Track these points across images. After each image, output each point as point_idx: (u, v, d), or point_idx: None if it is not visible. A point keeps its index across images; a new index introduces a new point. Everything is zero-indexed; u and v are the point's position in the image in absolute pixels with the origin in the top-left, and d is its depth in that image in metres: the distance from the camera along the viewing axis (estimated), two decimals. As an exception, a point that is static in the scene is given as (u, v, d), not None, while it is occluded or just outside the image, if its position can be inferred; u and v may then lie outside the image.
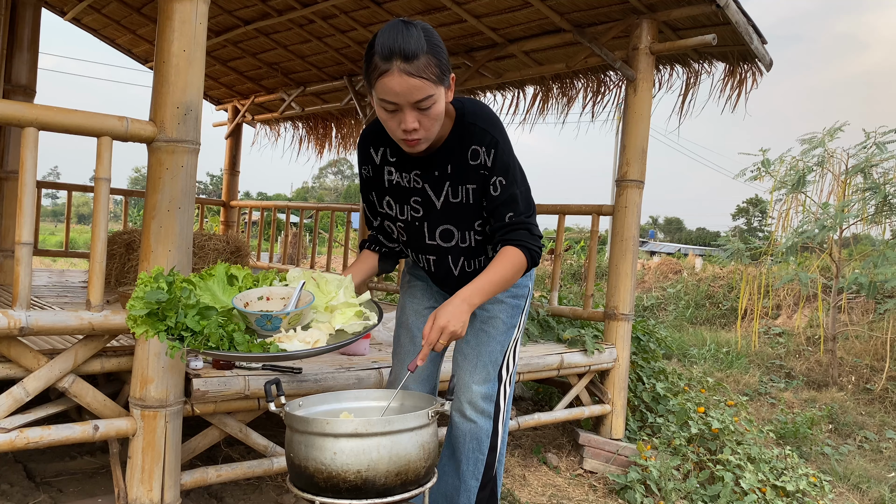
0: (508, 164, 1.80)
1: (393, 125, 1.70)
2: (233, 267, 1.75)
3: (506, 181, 1.80)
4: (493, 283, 1.77)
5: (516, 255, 1.80)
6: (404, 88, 1.60)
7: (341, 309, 1.70)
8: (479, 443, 1.99)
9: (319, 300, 1.72)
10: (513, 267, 1.80)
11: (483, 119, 1.80)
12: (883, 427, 5.39)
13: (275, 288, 1.74)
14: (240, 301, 1.67)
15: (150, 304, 1.53)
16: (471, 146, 1.79)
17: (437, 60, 1.62)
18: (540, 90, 4.91)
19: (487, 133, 1.78)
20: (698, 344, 8.25)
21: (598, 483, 3.48)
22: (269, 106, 6.84)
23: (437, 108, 1.66)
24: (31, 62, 4.05)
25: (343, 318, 1.69)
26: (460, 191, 1.84)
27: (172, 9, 2.12)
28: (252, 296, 1.70)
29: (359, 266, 2.03)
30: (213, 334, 1.54)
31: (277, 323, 1.62)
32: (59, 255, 6.26)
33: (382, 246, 2.08)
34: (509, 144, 1.83)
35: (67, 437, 2.14)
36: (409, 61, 1.57)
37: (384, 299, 6.16)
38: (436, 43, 1.63)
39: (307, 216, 7.69)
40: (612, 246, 3.83)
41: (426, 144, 1.75)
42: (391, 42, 1.57)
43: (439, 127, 1.73)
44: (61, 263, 11.10)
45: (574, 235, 18.03)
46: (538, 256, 1.84)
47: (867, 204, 6.70)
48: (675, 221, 65.72)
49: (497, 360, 2.00)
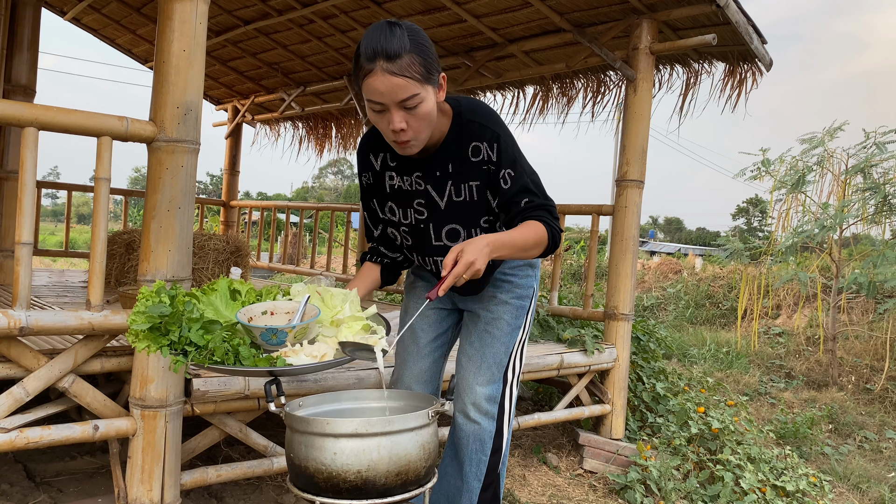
0: (514, 155, 1.79)
1: (383, 126, 1.70)
2: (235, 281, 1.73)
3: (514, 172, 1.79)
4: (515, 242, 1.71)
5: (539, 228, 1.75)
6: (388, 88, 1.60)
7: (348, 323, 1.67)
8: (482, 444, 1.99)
9: (325, 314, 1.69)
10: (535, 236, 1.74)
11: (481, 115, 1.80)
12: (883, 427, 5.39)
13: (279, 302, 1.71)
14: (243, 315, 1.64)
15: (153, 319, 1.50)
16: (471, 143, 1.79)
17: (422, 59, 1.62)
18: (540, 90, 4.91)
19: (487, 128, 1.78)
20: (698, 344, 8.26)
21: (598, 483, 3.48)
22: (269, 106, 6.84)
23: (424, 107, 1.66)
24: (31, 62, 4.05)
25: (350, 332, 1.66)
26: (463, 189, 1.83)
27: (172, 9, 2.12)
28: (256, 310, 1.68)
29: (361, 279, 2.00)
30: (218, 348, 1.52)
31: (283, 337, 1.59)
32: (59, 255, 6.26)
33: (384, 257, 2.05)
34: (511, 136, 1.82)
35: (67, 437, 2.14)
36: (392, 60, 1.58)
37: (384, 299, 6.17)
38: (421, 42, 1.63)
39: (307, 216, 7.69)
40: (612, 246, 3.83)
41: (418, 146, 1.74)
42: (374, 42, 1.59)
43: (430, 127, 1.72)
44: (61, 263, 11.10)
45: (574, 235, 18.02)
46: (559, 238, 1.80)
47: (867, 204, 6.70)
48: (675, 221, 65.74)
49: (502, 362, 1.99)
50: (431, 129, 1.74)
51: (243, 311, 1.65)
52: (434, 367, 2.12)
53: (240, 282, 1.74)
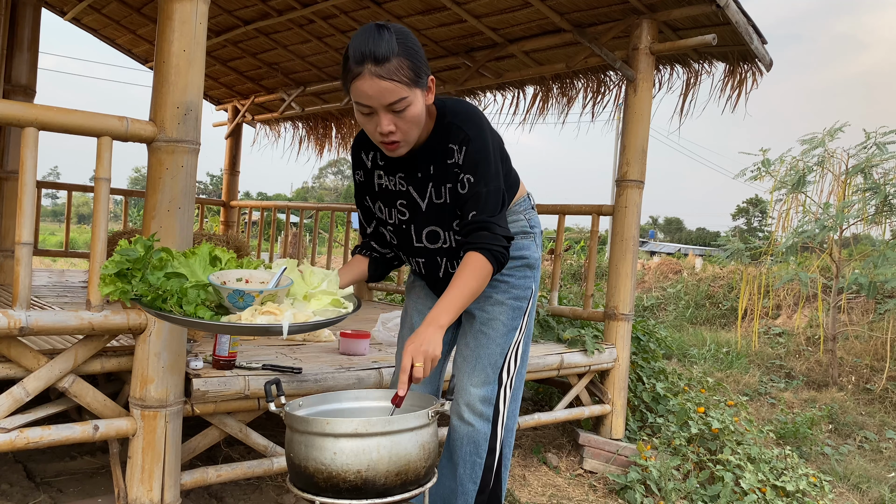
0: (478, 161, 1.76)
1: (370, 128, 1.70)
2: (218, 249, 1.71)
3: (474, 178, 1.76)
4: (460, 297, 1.71)
5: (478, 262, 1.74)
6: (376, 91, 1.61)
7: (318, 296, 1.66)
8: (476, 446, 1.98)
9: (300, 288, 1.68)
10: (476, 275, 1.73)
11: (460, 116, 1.78)
12: (883, 427, 5.39)
13: (255, 271, 1.69)
14: (216, 278, 1.62)
15: (122, 264, 1.51)
16: (448, 144, 1.78)
17: (411, 63, 1.62)
18: (540, 90, 4.90)
19: (462, 130, 1.76)
20: (698, 344, 8.25)
21: (598, 483, 3.48)
22: (269, 106, 6.84)
23: (412, 110, 1.66)
24: (31, 62, 4.05)
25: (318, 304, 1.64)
26: (442, 191, 1.83)
27: (172, 9, 2.12)
28: (231, 276, 1.66)
29: (348, 268, 1.99)
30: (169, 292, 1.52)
31: (249, 300, 1.58)
32: (59, 255, 6.26)
33: (374, 251, 2.05)
34: (485, 141, 1.78)
35: (67, 437, 2.14)
36: (380, 64, 1.58)
37: (384, 299, 6.16)
38: (409, 45, 1.63)
39: (307, 216, 7.69)
40: (612, 246, 3.83)
41: (406, 148, 1.74)
42: (363, 46, 1.59)
43: (418, 129, 1.72)
44: (61, 263, 11.09)
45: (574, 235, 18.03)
46: (503, 257, 1.77)
47: (867, 204, 6.70)
48: (675, 221, 65.69)
49: (497, 363, 1.98)
50: (420, 131, 1.74)
51: (217, 274, 1.64)
52: (435, 367, 2.12)
53: (222, 249, 1.72)
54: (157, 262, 1.56)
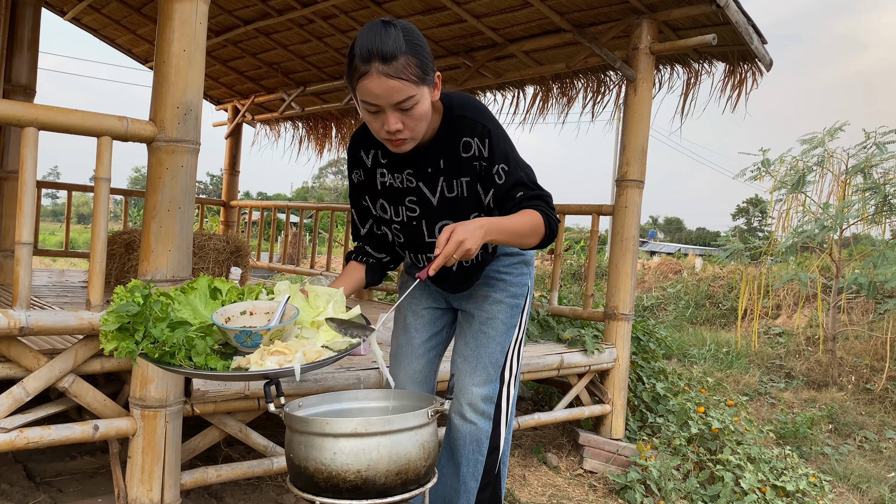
0: (506, 150, 1.78)
1: (376, 126, 1.68)
2: (216, 280, 1.68)
3: (508, 167, 1.77)
4: (511, 227, 1.70)
5: (536, 216, 1.74)
6: (384, 90, 1.58)
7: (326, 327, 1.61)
8: (478, 444, 1.98)
9: (306, 315, 1.64)
10: (532, 224, 1.73)
11: (472, 110, 1.78)
12: (883, 427, 5.39)
13: (259, 302, 1.65)
14: (220, 316, 1.58)
15: (122, 318, 1.47)
16: (462, 139, 1.77)
17: (418, 60, 1.60)
18: (540, 90, 4.90)
19: (479, 123, 1.76)
20: (698, 344, 8.26)
21: (598, 483, 3.48)
22: (269, 106, 6.84)
23: (420, 108, 1.64)
24: (31, 62, 4.05)
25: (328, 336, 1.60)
26: (455, 185, 1.82)
27: (172, 9, 2.12)
28: (234, 310, 1.62)
29: (346, 279, 1.95)
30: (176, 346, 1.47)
31: (258, 340, 1.53)
32: (59, 255, 6.26)
33: (370, 257, 2.00)
34: (502, 131, 1.80)
35: (67, 437, 2.14)
36: (388, 62, 1.56)
37: (384, 299, 6.16)
38: (416, 43, 1.61)
39: (307, 216, 7.69)
40: (612, 246, 3.83)
41: (413, 144, 1.73)
42: (369, 43, 1.56)
43: (425, 126, 1.71)
44: (61, 263, 11.10)
45: (574, 235, 18.03)
46: (556, 227, 1.78)
47: (867, 204, 6.70)
48: (675, 221, 65.69)
49: (498, 362, 1.98)
50: (426, 128, 1.73)
51: (220, 312, 1.60)
52: (429, 367, 2.11)
53: (221, 280, 1.69)
54: (158, 312, 1.51)
